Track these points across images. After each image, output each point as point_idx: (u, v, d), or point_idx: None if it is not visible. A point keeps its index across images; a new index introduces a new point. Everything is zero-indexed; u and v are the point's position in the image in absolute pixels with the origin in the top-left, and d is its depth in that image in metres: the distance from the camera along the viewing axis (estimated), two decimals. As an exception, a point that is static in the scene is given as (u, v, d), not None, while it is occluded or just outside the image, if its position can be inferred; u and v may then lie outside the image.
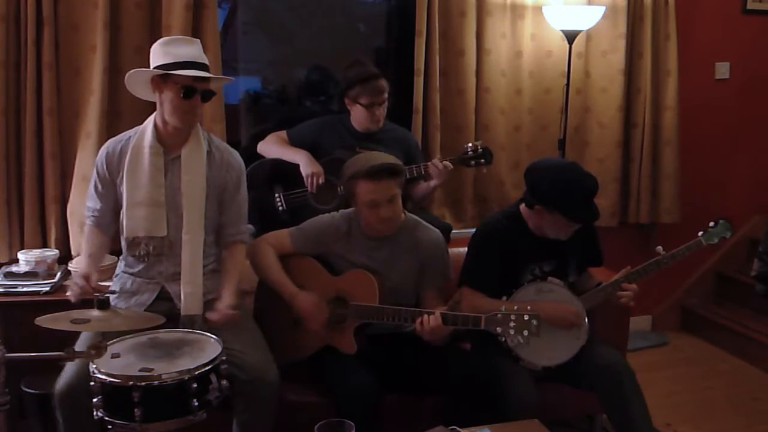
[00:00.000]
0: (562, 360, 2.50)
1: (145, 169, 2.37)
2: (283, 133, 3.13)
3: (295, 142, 3.09)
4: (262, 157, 3.12)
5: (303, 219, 2.74)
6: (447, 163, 2.97)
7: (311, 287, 2.58)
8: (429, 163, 3.00)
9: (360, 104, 3.00)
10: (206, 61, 2.37)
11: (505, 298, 2.54)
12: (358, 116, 3.04)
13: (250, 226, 2.64)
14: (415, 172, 2.98)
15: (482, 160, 3.05)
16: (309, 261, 2.63)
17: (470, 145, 3.08)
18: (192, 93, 2.31)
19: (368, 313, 2.48)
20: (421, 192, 3.11)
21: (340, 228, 2.61)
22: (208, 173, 2.42)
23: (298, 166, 2.98)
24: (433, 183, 3.02)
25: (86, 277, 2.27)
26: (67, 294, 2.28)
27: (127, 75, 2.39)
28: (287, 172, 3.01)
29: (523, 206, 2.58)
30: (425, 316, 2.36)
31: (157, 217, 2.37)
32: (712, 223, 2.72)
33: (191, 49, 2.34)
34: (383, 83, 3.01)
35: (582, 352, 2.49)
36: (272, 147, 3.09)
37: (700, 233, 2.71)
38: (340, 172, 2.80)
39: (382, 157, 2.51)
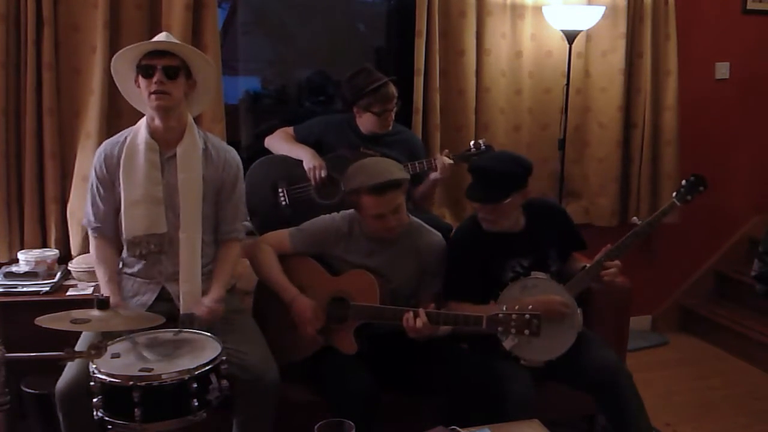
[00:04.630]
0: (562, 351, 2.48)
1: (141, 167, 2.36)
2: (290, 129, 3.16)
3: (301, 138, 3.11)
4: (266, 153, 3.14)
5: (305, 214, 2.75)
6: (449, 159, 3.00)
7: (311, 287, 2.58)
8: (435, 157, 3.02)
9: (372, 113, 3.01)
10: (168, 40, 2.33)
11: (492, 302, 2.53)
12: (367, 122, 3.05)
13: (248, 224, 2.64)
14: (418, 168, 2.99)
15: None
16: (309, 261, 2.63)
17: (473, 142, 3.11)
18: (151, 71, 2.28)
19: (369, 313, 2.47)
20: (422, 189, 3.12)
21: (340, 229, 2.61)
22: (204, 172, 2.41)
23: (302, 162, 3.00)
24: (434, 176, 3.03)
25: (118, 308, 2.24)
26: None
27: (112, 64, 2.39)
28: (291, 167, 3.03)
29: None
30: (415, 317, 2.36)
31: (156, 213, 2.36)
32: (684, 182, 2.71)
33: (159, 36, 2.35)
34: (393, 89, 3.02)
35: (578, 354, 2.49)
36: (279, 143, 3.12)
37: (673, 194, 2.70)
38: (343, 168, 2.80)
39: (386, 168, 2.47)
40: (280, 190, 3.04)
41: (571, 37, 3.57)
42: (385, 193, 2.41)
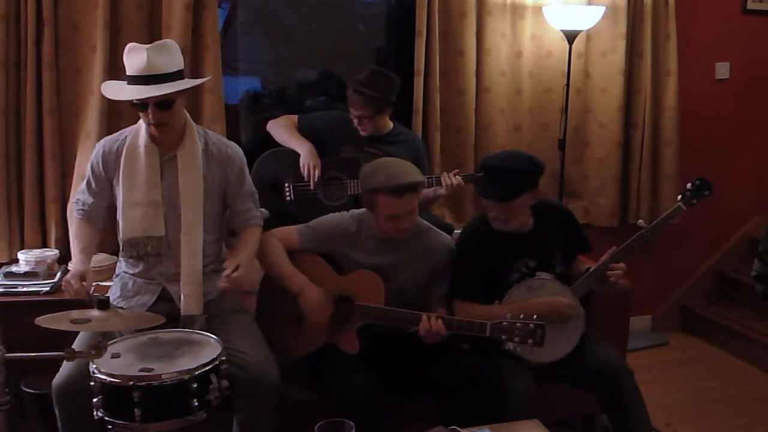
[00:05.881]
0: (566, 352, 2.49)
1: (141, 170, 2.36)
2: (294, 118, 3.14)
3: (303, 129, 3.09)
4: (273, 141, 3.13)
5: (309, 212, 2.75)
6: (459, 179, 2.94)
7: (317, 285, 2.56)
8: (443, 174, 2.98)
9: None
10: (156, 70, 2.22)
11: (497, 302, 2.53)
12: None
13: (264, 210, 2.64)
14: (426, 182, 2.97)
15: None
16: (315, 259, 2.62)
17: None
18: (143, 106, 2.27)
19: (372, 314, 2.47)
20: (423, 196, 3.11)
21: (349, 228, 2.61)
22: (206, 171, 2.41)
23: None
24: (440, 191, 2.99)
25: (82, 277, 2.25)
26: (62, 286, 2.27)
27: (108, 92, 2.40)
28: (299, 163, 3.01)
29: None
30: (432, 318, 2.36)
31: (154, 217, 2.36)
32: (689, 185, 2.71)
33: (141, 58, 2.22)
34: (365, 102, 2.95)
35: (580, 353, 2.49)
36: (280, 130, 3.10)
37: (678, 197, 2.70)
38: (350, 170, 2.79)
39: (405, 171, 2.47)
40: (286, 185, 3.03)
41: (571, 37, 3.57)
42: (403, 194, 2.41)
